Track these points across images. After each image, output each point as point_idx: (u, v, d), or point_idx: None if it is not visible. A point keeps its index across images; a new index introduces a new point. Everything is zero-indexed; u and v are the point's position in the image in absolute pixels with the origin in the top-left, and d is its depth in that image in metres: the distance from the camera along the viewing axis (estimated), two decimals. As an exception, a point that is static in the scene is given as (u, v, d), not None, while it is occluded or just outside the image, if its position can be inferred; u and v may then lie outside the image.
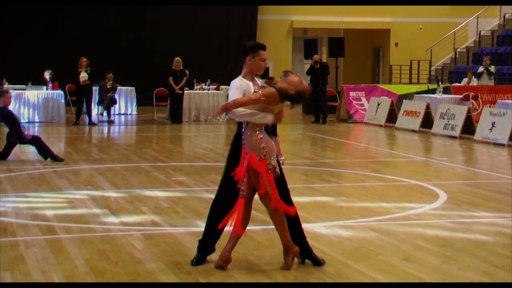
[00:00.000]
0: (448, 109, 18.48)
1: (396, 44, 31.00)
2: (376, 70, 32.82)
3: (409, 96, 21.77)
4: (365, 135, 19.41)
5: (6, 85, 21.02)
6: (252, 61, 6.61)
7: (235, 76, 6.88)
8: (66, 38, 25.76)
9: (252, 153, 6.40)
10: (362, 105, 22.26)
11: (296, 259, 6.56)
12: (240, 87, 6.56)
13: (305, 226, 8.12)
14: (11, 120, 13.06)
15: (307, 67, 23.62)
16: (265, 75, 21.81)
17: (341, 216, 8.82)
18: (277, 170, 6.55)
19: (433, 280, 6.22)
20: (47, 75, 21.45)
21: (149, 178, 11.41)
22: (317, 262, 6.57)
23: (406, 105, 20.27)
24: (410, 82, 27.71)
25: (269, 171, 6.43)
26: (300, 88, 6.58)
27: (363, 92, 22.53)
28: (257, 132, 6.47)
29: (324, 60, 24.43)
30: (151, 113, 22.54)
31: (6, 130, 13.31)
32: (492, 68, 23.59)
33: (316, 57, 22.43)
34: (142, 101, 23.82)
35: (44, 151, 12.94)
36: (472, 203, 9.58)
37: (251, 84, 6.61)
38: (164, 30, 27.13)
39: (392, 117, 20.52)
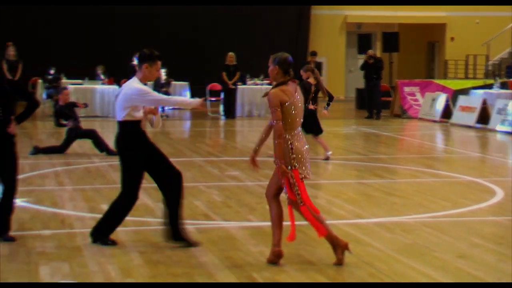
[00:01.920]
0: (506, 104, 18.16)
1: (452, 38, 30.58)
2: (431, 65, 32.43)
3: (465, 91, 21.46)
4: (419, 131, 19.21)
5: (64, 80, 21.39)
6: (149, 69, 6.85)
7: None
8: (121, 34, 26.08)
9: (280, 162, 6.34)
10: (416, 100, 22.03)
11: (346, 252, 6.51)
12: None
13: (357, 221, 8.12)
14: (71, 115, 13.33)
15: (360, 62, 23.51)
16: (317, 70, 21.58)
17: (394, 212, 8.76)
18: (310, 176, 6.46)
19: (488, 278, 6.13)
20: (99, 70, 21.81)
21: (202, 173, 11.49)
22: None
23: (462, 100, 19.99)
24: (466, 77, 27.33)
25: (301, 180, 6.33)
26: None
27: (418, 87, 22.29)
28: (287, 137, 6.41)
29: (378, 55, 24.24)
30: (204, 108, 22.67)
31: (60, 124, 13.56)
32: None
33: (370, 52, 22.27)
34: (196, 96, 23.95)
35: (100, 144, 13.17)
36: (529, 201, 9.42)
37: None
38: (217, 26, 27.27)
39: (447, 112, 20.26)
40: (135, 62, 8.16)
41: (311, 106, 12.50)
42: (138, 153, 6.91)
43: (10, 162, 7.14)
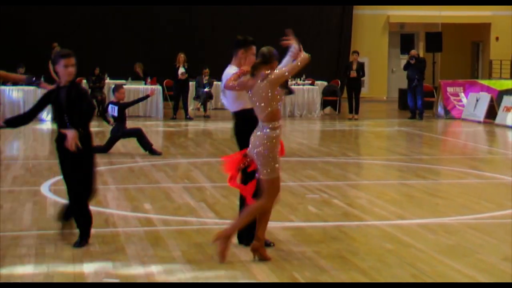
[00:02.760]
0: (551, 105, 17.86)
1: (497, 38, 30.17)
2: (475, 65, 32.05)
3: (510, 91, 21.14)
4: (463, 132, 19.01)
5: (107, 80, 21.63)
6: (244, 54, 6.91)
7: (331, 71, 6.96)
8: (163, 34, 26.27)
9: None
10: (460, 100, 21.80)
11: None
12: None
13: (400, 222, 8.07)
14: (121, 115, 13.47)
15: (403, 62, 23.36)
16: (359, 70, 21.45)
17: (437, 213, 8.69)
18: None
19: (533, 281, 6.06)
20: (137, 68, 22.02)
21: (244, 173, 11.51)
22: None
23: (507, 101, 19.71)
24: (511, 78, 26.93)
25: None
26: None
27: (461, 88, 22.05)
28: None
29: (421, 55, 24.05)
30: (246, 108, 22.74)
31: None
32: None
33: (412, 52, 22.10)
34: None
35: (145, 143, 13.29)
36: None
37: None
38: (259, 26, 27.28)
39: (491, 113, 20.00)
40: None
41: None
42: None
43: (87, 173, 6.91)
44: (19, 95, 19.92)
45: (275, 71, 6.58)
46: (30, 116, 6.93)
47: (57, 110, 6.73)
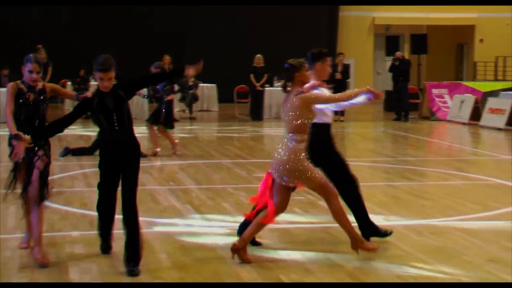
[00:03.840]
0: (535, 106, 17.97)
1: (481, 40, 30.33)
2: (460, 67, 32.20)
3: (494, 93, 21.26)
4: (448, 133, 19.08)
5: (92, 82, 21.54)
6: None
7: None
8: (148, 35, 26.21)
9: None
10: (445, 102, 21.89)
11: None
12: None
13: (386, 224, 8.07)
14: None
15: (388, 64, 23.42)
16: (344, 72, 21.46)
17: (423, 214, 8.70)
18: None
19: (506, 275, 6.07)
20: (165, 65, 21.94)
21: (230, 175, 11.51)
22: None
23: (491, 102, 19.81)
24: (496, 79, 27.08)
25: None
26: None
27: (446, 89, 22.14)
28: None
29: (406, 57, 24.11)
30: (232, 110, 22.73)
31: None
32: None
33: (398, 54, 22.16)
34: (224, 98, 24.05)
35: None
36: (561, 204, 9.31)
37: None
38: (246, 27, 27.30)
39: (476, 114, 20.10)
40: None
41: (169, 97, 13.47)
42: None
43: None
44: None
45: (316, 96, 6.59)
46: (66, 123, 6.45)
47: (104, 115, 6.37)
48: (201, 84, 22.80)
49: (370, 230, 7.21)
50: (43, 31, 25.02)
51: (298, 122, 6.46)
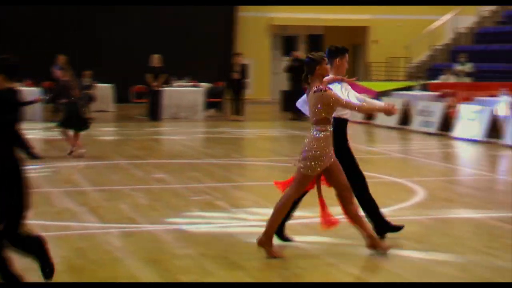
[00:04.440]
0: (426, 106, 18.59)
1: (375, 41, 31.12)
2: (355, 67, 32.91)
3: (387, 93, 21.85)
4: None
5: None
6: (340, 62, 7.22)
7: (215, 73, 6.95)
8: (42, 36, 25.57)
9: None
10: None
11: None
12: None
13: (288, 223, 8.15)
14: None
15: (285, 64, 23.67)
16: (242, 72, 21.53)
17: (315, 213, 8.82)
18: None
19: (410, 277, 6.25)
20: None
21: (128, 176, 11.37)
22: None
23: (385, 102, 20.33)
24: (388, 80, 27.82)
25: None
26: None
27: (342, 89, 22.57)
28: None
29: (303, 57, 24.43)
30: (129, 110, 22.47)
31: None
32: (469, 66, 23.75)
33: (294, 54, 22.45)
34: (121, 98, 23.74)
35: (24, 146, 12.85)
36: (450, 200, 9.65)
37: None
38: (142, 27, 27.03)
39: (370, 114, 20.58)
40: None
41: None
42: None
43: None
44: None
45: (336, 98, 6.72)
46: None
47: None
48: (98, 84, 22.42)
49: (382, 226, 7.33)
50: None
51: (321, 116, 6.64)
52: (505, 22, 28.95)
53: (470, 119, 16.64)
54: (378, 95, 21.46)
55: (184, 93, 21.78)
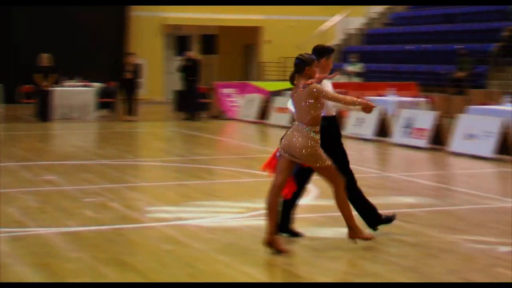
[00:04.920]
0: (318, 105, 18.89)
1: (267, 41, 31.43)
2: (248, 67, 33.16)
3: (280, 93, 22.10)
4: (237, 132, 19.56)
5: None
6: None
7: (107, 73, 6.82)
8: None
9: None
10: (234, 101, 22.44)
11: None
12: None
13: (178, 223, 8.12)
14: None
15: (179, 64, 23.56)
16: (135, 71, 21.39)
17: (215, 213, 8.84)
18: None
19: (303, 273, 6.32)
20: None
21: (16, 178, 11.04)
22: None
23: (278, 102, 20.58)
24: (281, 80, 28.14)
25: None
26: None
27: (236, 89, 22.71)
28: None
29: (197, 57, 24.42)
30: (17, 111, 21.82)
31: None
32: (359, 66, 24.33)
33: (187, 53, 22.39)
34: (9, 98, 23.01)
35: None
36: (342, 197, 9.82)
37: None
38: (31, 26, 26.32)
39: (264, 113, 20.79)
40: None
41: None
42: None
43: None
44: None
45: (319, 90, 6.83)
46: None
47: None
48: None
49: (372, 219, 7.45)
50: None
51: (312, 115, 6.79)
52: (392, 24, 29.83)
53: (360, 118, 17.04)
54: (272, 95, 21.70)
55: (75, 93, 21.33)
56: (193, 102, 21.64)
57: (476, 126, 13.97)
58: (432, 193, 10.50)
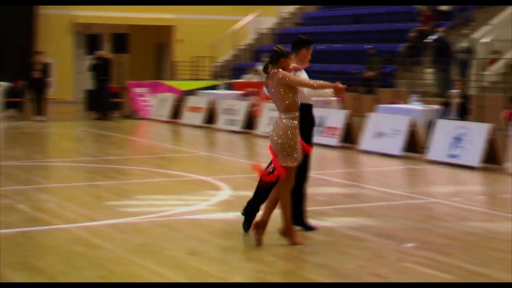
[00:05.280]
0: (231, 104, 18.96)
1: (180, 40, 31.30)
2: (160, 66, 32.94)
3: (193, 92, 22.07)
4: (150, 131, 19.41)
5: None
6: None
7: (14, 72, 6.65)
8: None
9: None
10: (147, 101, 22.26)
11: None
12: None
13: (89, 224, 7.99)
14: None
15: (89, 63, 23.20)
16: (43, 70, 20.92)
17: (126, 213, 8.74)
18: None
19: (216, 272, 6.32)
20: None
21: None
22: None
23: (190, 101, 20.54)
24: (194, 79, 28.09)
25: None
26: None
27: (148, 89, 22.53)
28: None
29: (108, 56, 24.09)
30: None
31: None
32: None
33: (98, 52, 22.07)
34: None
35: None
36: (254, 196, 9.87)
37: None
38: None
39: (176, 113, 20.71)
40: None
41: None
42: None
43: None
44: None
45: (287, 73, 7.04)
46: None
47: None
48: None
49: (300, 219, 7.61)
50: None
51: (286, 102, 6.96)
52: (303, 24, 30.18)
53: (273, 117, 17.15)
54: (184, 94, 21.64)
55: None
56: (104, 102, 21.35)
57: (385, 125, 14.28)
58: (343, 191, 10.68)
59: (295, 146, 7.05)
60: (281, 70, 7.07)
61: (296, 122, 7.05)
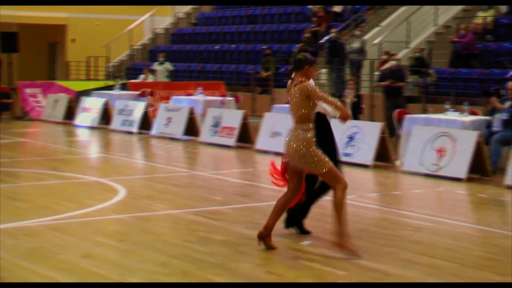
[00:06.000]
0: (126, 105, 18.74)
1: (73, 40, 30.71)
2: (53, 66, 32.23)
3: (87, 92, 21.67)
4: (42, 133, 18.94)
5: None
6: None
7: None
8: None
9: None
10: (39, 102, 21.71)
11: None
12: None
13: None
14: None
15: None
16: None
17: (18, 217, 8.48)
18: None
19: (111, 275, 6.22)
20: None
21: None
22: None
23: (85, 101, 20.17)
24: (88, 79, 27.63)
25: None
26: None
27: (40, 89, 21.98)
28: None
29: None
30: None
31: None
32: (167, 65, 24.37)
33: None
34: None
35: None
36: (151, 197, 9.81)
37: None
38: None
39: (70, 114, 20.30)
40: None
41: None
42: None
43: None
44: None
45: (313, 87, 6.89)
46: None
47: None
48: None
49: (298, 220, 7.70)
50: None
51: (301, 112, 6.87)
52: (198, 24, 30.18)
53: (169, 117, 17.07)
54: (78, 95, 21.23)
55: None
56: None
57: (281, 125, 14.43)
58: (240, 191, 10.73)
59: (316, 151, 6.92)
60: (311, 81, 7.00)
61: (310, 134, 6.93)
